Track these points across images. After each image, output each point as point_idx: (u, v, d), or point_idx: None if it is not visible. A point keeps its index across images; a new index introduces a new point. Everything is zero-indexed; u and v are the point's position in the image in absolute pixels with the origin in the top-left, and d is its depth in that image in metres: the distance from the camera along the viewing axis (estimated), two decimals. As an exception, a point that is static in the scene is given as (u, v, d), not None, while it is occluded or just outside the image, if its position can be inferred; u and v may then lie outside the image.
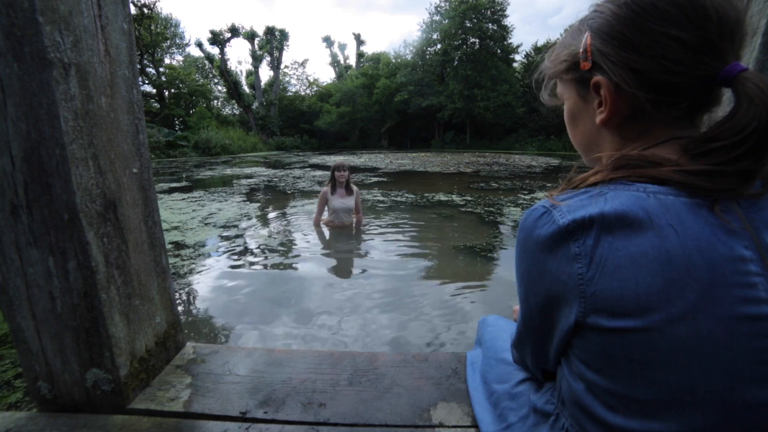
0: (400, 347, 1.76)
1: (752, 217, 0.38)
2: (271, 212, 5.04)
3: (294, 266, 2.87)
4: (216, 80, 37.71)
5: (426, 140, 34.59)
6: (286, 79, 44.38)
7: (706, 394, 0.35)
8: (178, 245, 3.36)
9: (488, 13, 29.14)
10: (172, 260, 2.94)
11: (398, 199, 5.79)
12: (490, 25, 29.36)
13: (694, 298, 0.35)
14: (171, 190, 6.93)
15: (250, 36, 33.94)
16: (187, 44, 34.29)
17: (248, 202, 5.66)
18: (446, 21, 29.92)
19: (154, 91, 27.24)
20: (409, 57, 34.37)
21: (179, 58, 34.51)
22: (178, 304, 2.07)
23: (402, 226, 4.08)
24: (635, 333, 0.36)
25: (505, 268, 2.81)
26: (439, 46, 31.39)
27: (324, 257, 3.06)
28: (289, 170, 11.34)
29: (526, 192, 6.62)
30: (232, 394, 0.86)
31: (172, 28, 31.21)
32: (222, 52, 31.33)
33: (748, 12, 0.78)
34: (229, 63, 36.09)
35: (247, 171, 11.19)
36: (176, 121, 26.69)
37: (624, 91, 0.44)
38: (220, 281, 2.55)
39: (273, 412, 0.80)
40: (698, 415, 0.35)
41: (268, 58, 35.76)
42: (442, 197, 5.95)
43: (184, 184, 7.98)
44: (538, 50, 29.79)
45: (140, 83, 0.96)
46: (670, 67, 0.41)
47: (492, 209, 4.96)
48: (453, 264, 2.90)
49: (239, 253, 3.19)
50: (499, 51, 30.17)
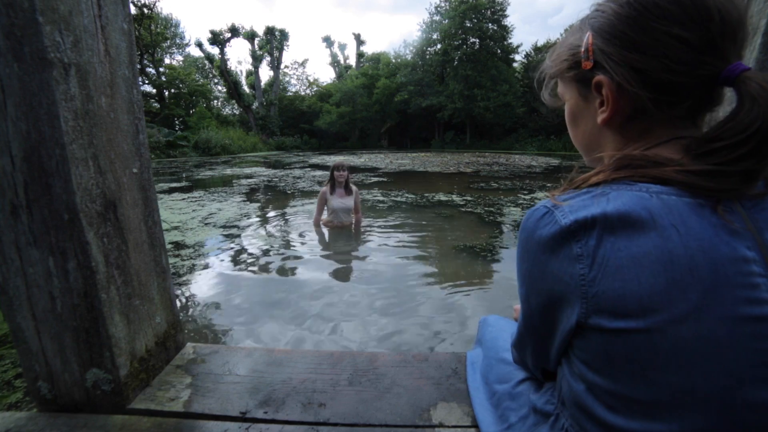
0: (400, 347, 1.76)
1: (755, 218, 0.38)
2: (271, 212, 5.04)
3: (294, 266, 2.87)
4: (216, 80, 37.71)
5: (426, 140, 34.59)
6: (286, 79, 44.41)
7: (707, 394, 0.35)
8: (178, 245, 3.36)
9: (488, 13, 29.13)
10: (172, 260, 2.94)
11: (398, 199, 5.79)
12: (490, 25, 29.35)
13: (697, 298, 0.35)
14: (171, 190, 6.93)
15: (250, 36, 33.93)
16: (187, 44, 34.33)
17: (248, 202, 5.66)
18: (446, 21, 29.91)
19: (154, 91, 27.25)
20: (409, 57, 34.38)
21: (179, 58, 34.60)
22: (178, 304, 2.06)
23: (402, 226, 4.08)
24: (637, 334, 0.36)
25: (505, 268, 2.81)
26: (439, 46, 31.38)
27: (324, 257, 3.06)
28: (289, 170, 11.34)
29: (526, 192, 6.62)
30: (232, 394, 0.86)
31: (172, 28, 31.23)
32: (222, 52, 31.32)
33: (748, 12, 0.78)
34: (229, 63, 36.13)
35: (247, 171, 11.19)
36: (176, 121, 26.69)
37: (626, 91, 0.44)
38: (220, 281, 2.55)
39: (273, 412, 0.80)
40: (699, 415, 0.35)
41: (268, 58, 35.75)
42: (442, 197, 5.95)
43: (184, 184, 7.98)
44: (538, 50, 29.81)
45: (140, 83, 0.96)
46: (673, 67, 0.40)
47: (492, 209, 4.96)
48: (453, 264, 2.90)
49: (239, 253, 3.19)
50: (499, 51, 30.16)
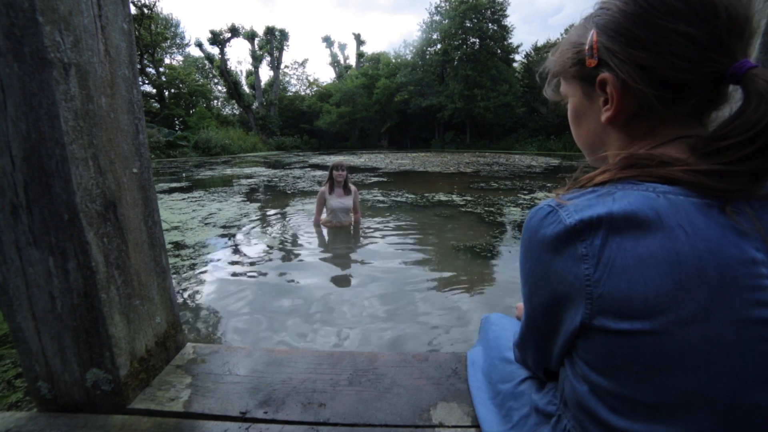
0: (400, 347, 1.76)
1: (764, 219, 0.37)
2: (271, 212, 5.04)
3: (293, 266, 2.87)
4: (216, 80, 37.71)
5: (426, 140, 34.60)
6: (286, 79, 44.43)
7: (713, 397, 0.34)
8: (178, 245, 3.35)
9: (488, 13, 29.15)
10: (172, 260, 2.94)
11: (398, 199, 5.78)
12: (490, 25, 29.38)
13: (704, 300, 0.34)
14: (171, 190, 6.92)
15: (250, 36, 33.92)
16: (187, 44, 34.33)
17: (248, 202, 5.66)
18: (446, 21, 29.93)
19: (154, 91, 27.23)
20: (409, 57, 34.40)
21: (179, 58, 34.65)
22: (178, 304, 2.06)
23: (402, 226, 4.07)
24: (643, 335, 0.36)
25: (505, 267, 2.80)
26: (439, 46, 31.39)
27: (323, 257, 3.05)
28: (289, 170, 11.34)
29: (526, 192, 6.61)
30: (232, 394, 0.86)
31: (172, 28, 31.27)
32: (222, 52, 31.30)
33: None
34: (229, 63, 36.08)
35: (247, 171, 11.19)
36: (176, 121, 26.67)
37: (631, 88, 0.43)
38: (219, 281, 2.55)
39: (273, 412, 0.80)
40: (704, 417, 0.35)
41: (268, 58, 35.74)
42: (442, 197, 5.94)
43: (184, 184, 7.98)
44: (538, 50, 29.86)
45: (140, 83, 0.95)
46: (678, 64, 0.40)
47: (492, 209, 4.96)
48: (453, 264, 2.89)
49: (239, 253, 3.18)
50: (499, 51, 30.18)
